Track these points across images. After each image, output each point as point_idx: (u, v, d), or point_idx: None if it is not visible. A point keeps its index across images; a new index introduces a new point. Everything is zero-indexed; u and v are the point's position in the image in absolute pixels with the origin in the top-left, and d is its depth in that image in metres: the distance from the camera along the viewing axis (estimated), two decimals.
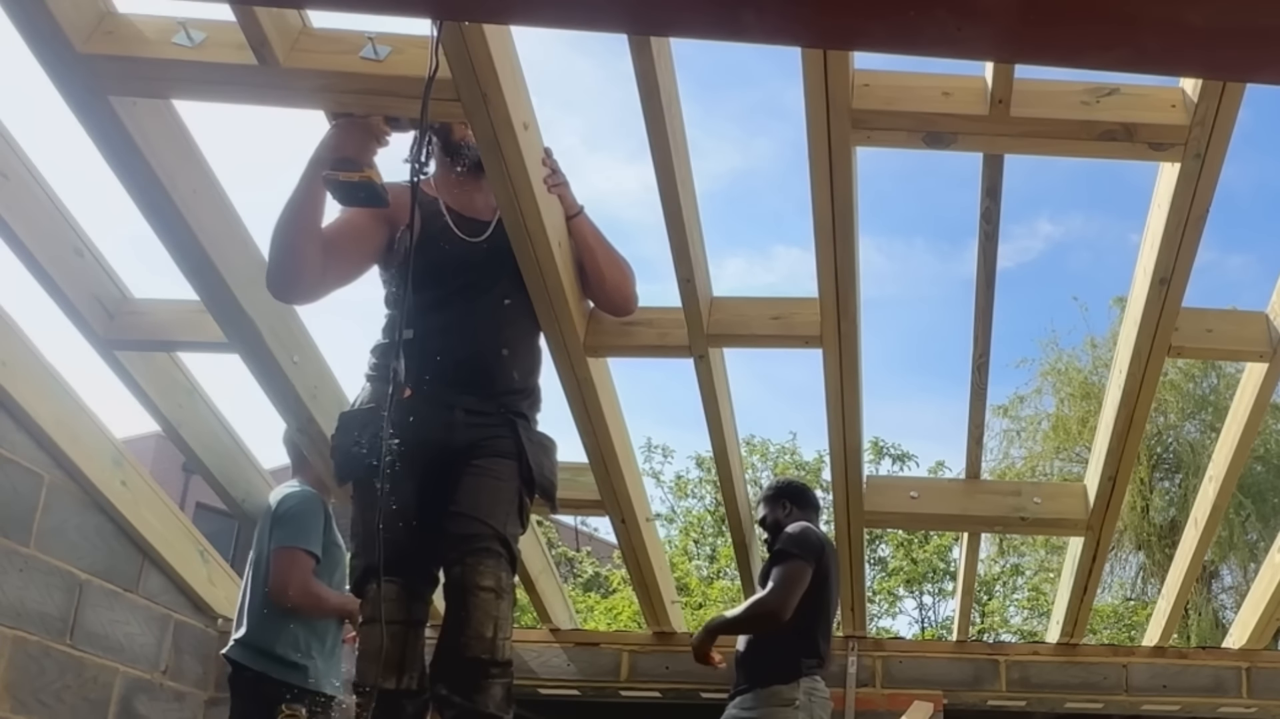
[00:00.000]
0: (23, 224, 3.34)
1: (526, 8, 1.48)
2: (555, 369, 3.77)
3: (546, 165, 3.11)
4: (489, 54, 2.73)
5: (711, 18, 1.40)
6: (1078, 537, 4.54)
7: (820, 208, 3.21)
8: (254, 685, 3.65)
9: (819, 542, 3.96)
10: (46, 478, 3.93)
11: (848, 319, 3.56)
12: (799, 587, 3.83)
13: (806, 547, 3.88)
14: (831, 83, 2.88)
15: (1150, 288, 3.41)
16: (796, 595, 3.83)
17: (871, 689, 4.87)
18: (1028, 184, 22.33)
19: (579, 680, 4.96)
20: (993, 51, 1.96)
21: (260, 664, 3.66)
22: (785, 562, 3.87)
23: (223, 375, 9.94)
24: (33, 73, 2.88)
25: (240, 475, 4.46)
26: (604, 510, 4.36)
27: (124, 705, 4.31)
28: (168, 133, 3.13)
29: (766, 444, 14.89)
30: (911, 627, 15.34)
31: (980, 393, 4.00)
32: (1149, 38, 1.36)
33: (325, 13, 2.90)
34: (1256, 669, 4.91)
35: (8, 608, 3.78)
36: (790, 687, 3.76)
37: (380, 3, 1.54)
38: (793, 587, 3.83)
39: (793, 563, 3.85)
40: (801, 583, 3.84)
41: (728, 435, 4.19)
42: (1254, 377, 3.83)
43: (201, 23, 2.91)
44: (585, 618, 12.02)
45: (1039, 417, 15.73)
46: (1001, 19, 1.33)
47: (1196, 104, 2.91)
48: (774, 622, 3.84)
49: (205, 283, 3.46)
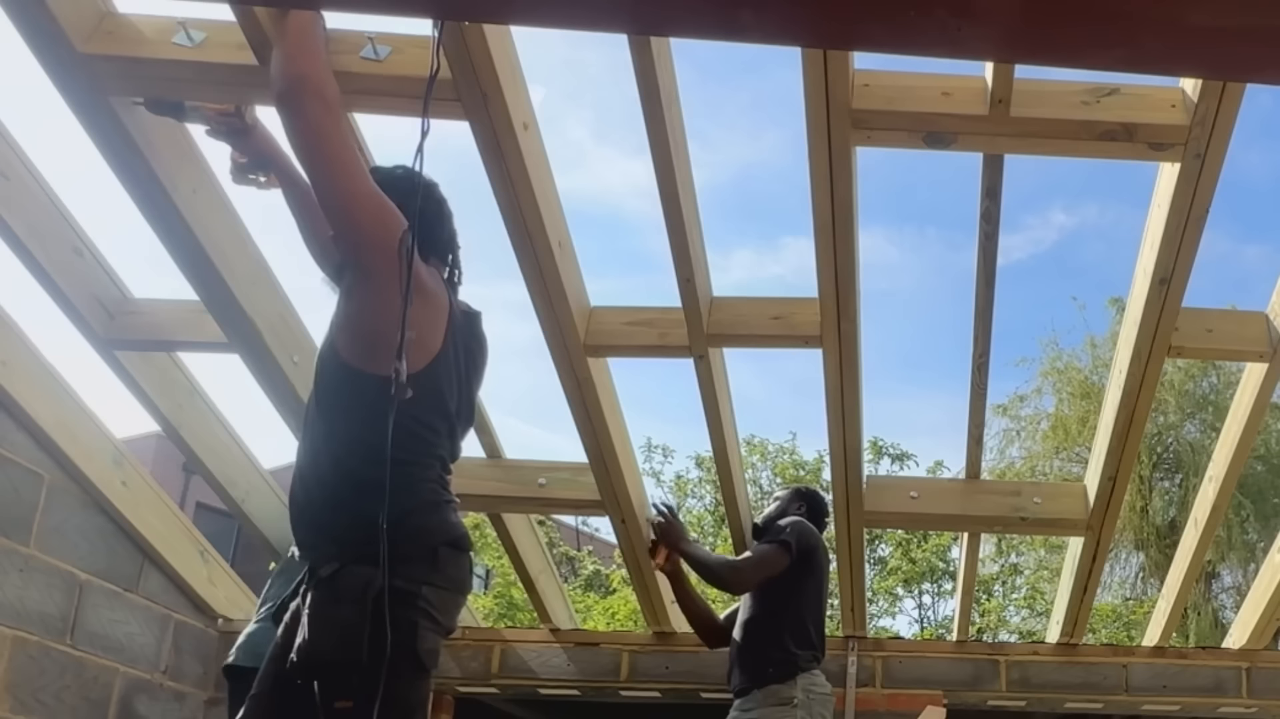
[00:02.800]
0: (23, 224, 3.34)
1: (526, 8, 1.48)
2: (555, 369, 3.77)
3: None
4: (489, 54, 2.73)
5: (711, 18, 1.40)
6: (1078, 537, 4.54)
7: (820, 207, 3.21)
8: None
9: (811, 539, 3.97)
10: (46, 478, 3.93)
11: (848, 319, 3.56)
12: (768, 571, 3.89)
13: (798, 539, 3.91)
14: (831, 83, 2.88)
15: (1150, 288, 3.41)
16: (761, 577, 3.91)
17: (871, 689, 4.87)
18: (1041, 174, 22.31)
19: (579, 680, 4.95)
20: (993, 51, 1.96)
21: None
22: (772, 544, 3.93)
23: (223, 375, 9.93)
24: (33, 73, 2.89)
25: (240, 475, 4.45)
26: (604, 510, 4.36)
27: (124, 705, 4.31)
28: (168, 133, 3.14)
29: (765, 443, 14.90)
30: (911, 626, 15.36)
31: (980, 392, 4.00)
32: (1149, 38, 1.36)
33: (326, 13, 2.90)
34: (1256, 669, 4.91)
35: (8, 608, 3.78)
36: (788, 685, 3.76)
37: (380, 3, 1.54)
38: (764, 568, 3.90)
39: (776, 549, 3.90)
40: (773, 568, 3.89)
41: (728, 435, 4.20)
42: (1254, 377, 3.83)
43: (201, 23, 2.91)
44: (584, 618, 12.02)
45: (1038, 416, 15.75)
46: (1001, 19, 1.33)
47: (1196, 104, 2.91)
48: (729, 589, 4.20)
49: (205, 283, 3.47)
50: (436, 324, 2.36)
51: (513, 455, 4.43)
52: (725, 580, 4.10)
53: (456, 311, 2.45)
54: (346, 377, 2.26)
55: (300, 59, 2.20)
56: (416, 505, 2.29)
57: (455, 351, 2.41)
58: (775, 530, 3.99)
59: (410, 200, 2.25)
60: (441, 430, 2.38)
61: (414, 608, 2.22)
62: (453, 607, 2.35)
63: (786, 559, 3.88)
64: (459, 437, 2.50)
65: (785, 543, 3.89)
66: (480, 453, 4.38)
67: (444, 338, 2.36)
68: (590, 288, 3.71)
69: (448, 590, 2.31)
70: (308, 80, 2.18)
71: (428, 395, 2.30)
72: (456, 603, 2.37)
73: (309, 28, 2.26)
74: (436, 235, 2.49)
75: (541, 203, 3.15)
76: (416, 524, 2.28)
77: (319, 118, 2.17)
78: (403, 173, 2.47)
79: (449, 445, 2.43)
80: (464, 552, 2.38)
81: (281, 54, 2.23)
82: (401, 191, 2.33)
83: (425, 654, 2.24)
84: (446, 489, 2.40)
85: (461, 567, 2.37)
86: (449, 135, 3.03)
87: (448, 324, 2.38)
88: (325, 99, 2.19)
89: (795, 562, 3.88)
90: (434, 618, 2.27)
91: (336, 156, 2.18)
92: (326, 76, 2.23)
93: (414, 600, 2.22)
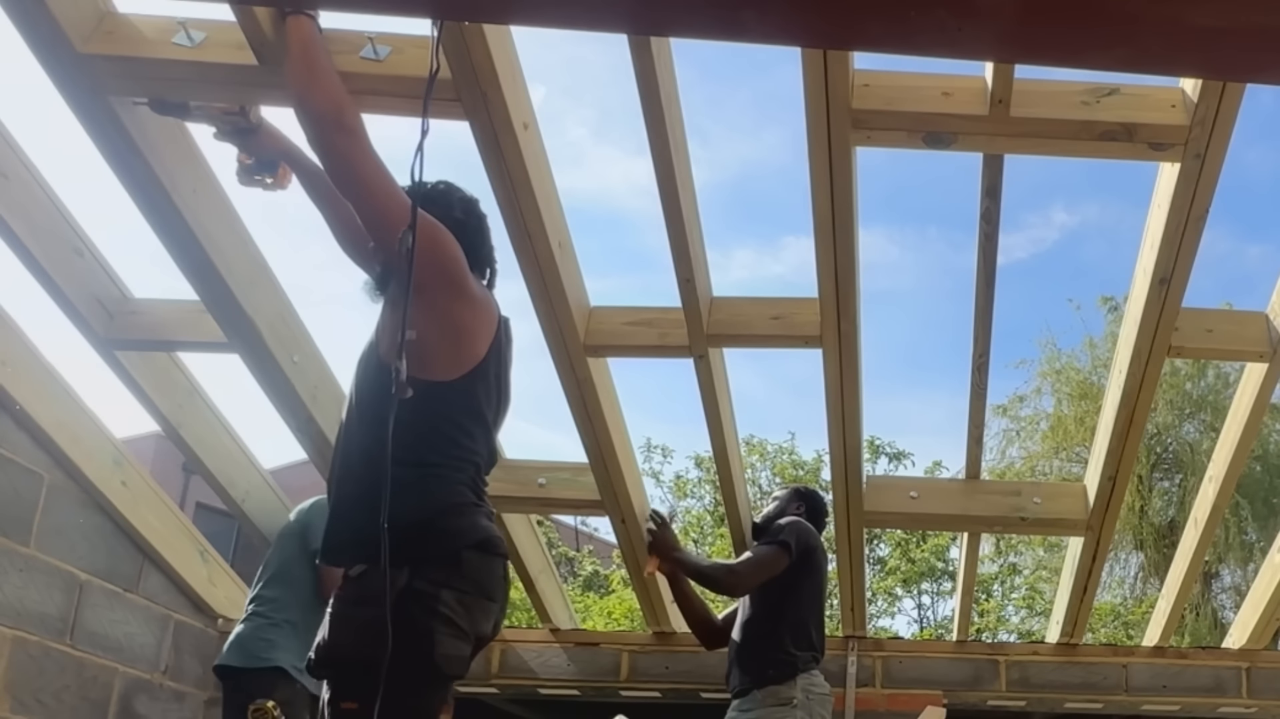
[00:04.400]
0: (23, 224, 3.34)
1: (526, 8, 1.48)
2: (555, 369, 3.77)
3: None
4: (489, 54, 2.73)
5: (712, 18, 1.40)
6: (1078, 537, 4.54)
7: (820, 208, 3.21)
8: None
9: (810, 539, 3.97)
10: (46, 478, 3.94)
11: (847, 319, 3.57)
12: (767, 572, 3.88)
13: (796, 539, 3.90)
14: (831, 83, 2.88)
15: (1150, 288, 3.41)
16: (761, 579, 3.89)
17: (871, 689, 4.87)
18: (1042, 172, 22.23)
19: (579, 680, 4.96)
20: (993, 51, 1.97)
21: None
22: (771, 545, 3.92)
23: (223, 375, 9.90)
24: (33, 73, 2.89)
25: (240, 475, 4.45)
26: (604, 510, 4.36)
27: (124, 705, 4.31)
28: (168, 133, 3.14)
29: (764, 443, 14.89)
30: (910, 626, 15.37)
31: (980, 392, 4.00)
32: (1149, 38, 1.36)
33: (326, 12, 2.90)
34: (1256, 669, 4.91)
35: (8, 608, 3.78)
36: (787, 685, 3.76)
37: (380, 3, 1.55)
38: (762, 570, 3.89)
39: (775, 550, 3.89)
40: (771, 570, 3.87)
41: (728, 435, 4.20)
42: (1254, 377, 3.83)
43: (201, 23, 2.91)
44: (583, 618, 12.03)
45: (1038, 416, 15.74)
46: (1001, 19, 1.33)
47: (1196, 104, 2.91)
48: (728, 592, 4.12)
49: (205, 283, 3.47)
50: (484, 333, 2.39)
51: (513, 455, 4.44)
52: (723, 584, 4.08)
53: (502, 321, 2.48)
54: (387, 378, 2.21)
55: (312, 91, 2.22)
56: (445, 508, 2.29)
57: (497, 359, 2.44)
58: (774, 531, 3.97)
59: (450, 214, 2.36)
60: (477, 435, 2.39)
61: (433, 612, 2.20)
62: (478, 611, 2.31)
63: (785, 560, 3.87)
64: (494, 440, 2.51)
65: (784, 543, 3.88)
66: None
67: (489, 347, 2.39)
68: (590, 287, 3.71)
69: (470, 595, 2.27)
70: (325, 117, 2.20)
71: (467, 400, 2.33)
72: (483, 608, 2.32)
73: (310, 45, 2.27)
74: (481, 251, 2.54)
75: (541, 202, 3.15)
76: (442, 527, 2.27)
77: (346, 149, 2.21)
78: (444, 187, 2.53)
79: (485, 450, 2.43)
80: (493, 556, 2.35)
81: (292, 83, 2.25)
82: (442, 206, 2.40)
83: (442, 660, 2.20)
84: (478, 493, 2.40)
85: (490, 571, 2.34)
86: (449, 135, 3.04)
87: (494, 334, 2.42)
88: (346, 127, 2.21)
89: (794, 562, 3.87)
90: (455, 623, 2.23)
91: (369, 179, 2.22)
92: (341, 102, 2.24)
93: (433, 604, 2.20)
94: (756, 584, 3.92)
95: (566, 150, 16.46)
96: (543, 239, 3.24)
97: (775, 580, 3.88)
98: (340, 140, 2.20)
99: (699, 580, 4.10)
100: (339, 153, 2.21)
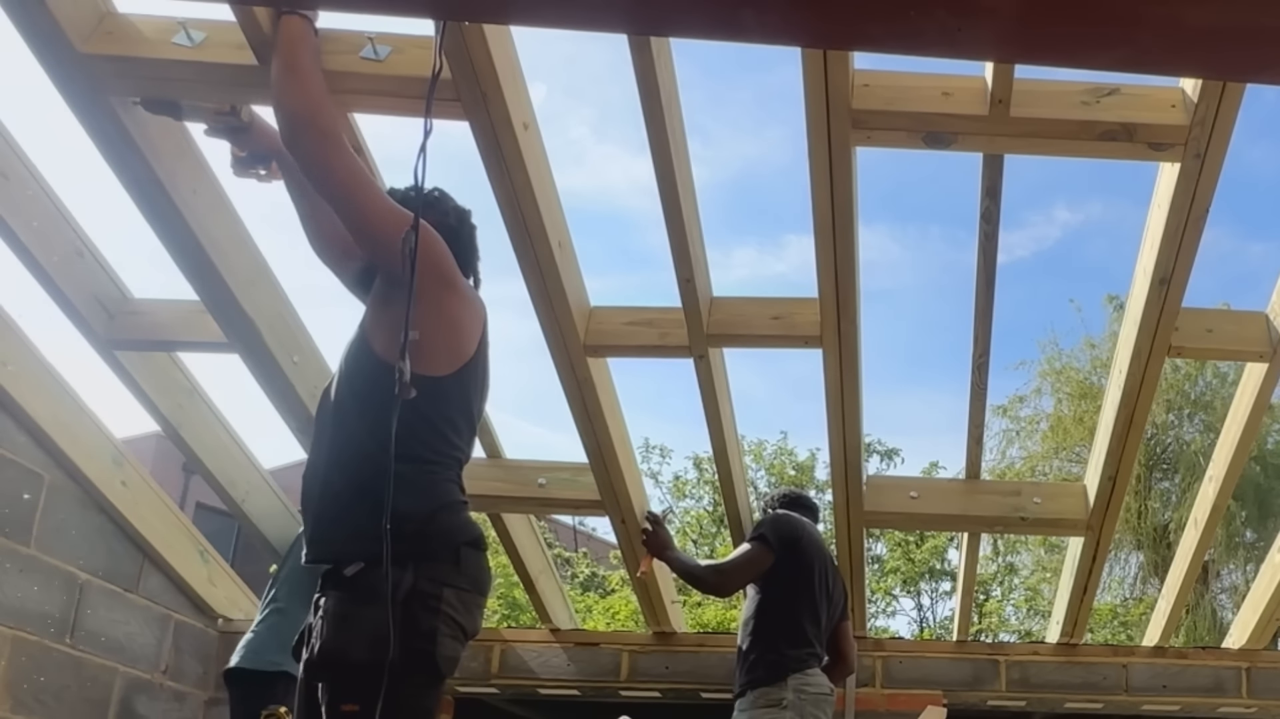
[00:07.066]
0: (23, 224, 3.34)
1: (526, 8, 1.48)
2: (555, 369, 3.77)
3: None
4: (489, 54, 2.73)
5: (711, 18, 1.40)
6: (1077, 537, 4.54)
7: (820, 208, 3.21)
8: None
9: (791, 529, 3.96)
10: (46, 478, 3.94)
11: (848, 319, 3.57)
12: (754, 569, 3.89)
13: (773, 529, 3.92)
14: (831, 83, 2.88)
15: (1150, 288, 3.41)
16: (747, 577, 3.92)
17: (871, 689, 4.87)
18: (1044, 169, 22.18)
19: (579, 680, 4.95)
20: (993, 51, 1.96)
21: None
22: (752, 542, 3.93)
23: (223, 375, 9.91)
24: (33, 73, 2.89)
25: (240, 475, 4.45)
26: (604, 510, 4.36)
27: (124, 705, 4.31)
28: (167, 132, 3.14)
29: (762, 445, 14.88)
30: (910, 626, 15.37)
31: (980, 393, 4.00)
32: (1149, 38, 1.36)
33: (326, 12, 2.90)
34: (1256, 669, 4.91)
35: (8, 608, 3.78)
36: (777, 687, 3.74)
37: (380, 3, 1.55)
38: (747, 568, 3.91)
39: (756, 546, 3.90)
40: (757, 566, 3.88)
41: (727, 435, 4.19)
42: (1254, 377, 3.83)
43: (201, 23, 2.91)
44: (583, 618, 12.02)
45: (1038, 417, 15.74)
46: (1001, 19, 1.33)
47: (1196, 104, 2.91)
48: (716, 592, 4.28)
49: (205, 283, 3.47)
50: (474, 330, 2.39)
51: (513, 455, 4.44)
52: (710, 584, 4.12)
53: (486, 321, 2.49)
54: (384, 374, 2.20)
55: (289, 90, 2.21)
56: (442, 504, 2.28)
57: (484, 357, 2.45)
58: (753, 528, 4.03)
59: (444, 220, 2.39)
60: (464, 432, 2.39)
61: (436, 612, 2.19)
62: (474, 608, 2.31)
63: (768, 553, 3.87)
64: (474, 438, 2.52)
65: (761, 537, 3.90)
66: (480, 452, 4.38)
67: (478, 344, 2.40)
68: (590, 286, 3.71)
69: (469, 592, 2.28)
70: (297, 116, 2.19)
71: (457, 397, 2.33)
72: (478, 604, 2.33)
73: (296, 45, 2.25)
74: (469, 260, 2.55)
75: (541, 202, 3.15)
76: (443, 524, 2.27)
77: (320, 152, 2.19)
78: (439, 194, 2.54)
79: (467, 448, 2.44)
80: (483, 552, 2.36)
81: (274, 79, 2.24)
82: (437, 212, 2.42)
83: (443, 661, 2.20)
84: (463, 490, 2.40)
85: (481, 567, 2.35)
86: (449, 135, 3.04)
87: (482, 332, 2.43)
88: (320, 129, 2.19)
89: (780, 554, 3.87)
90: (456, 622, 2.23)
91: (346, 182, 2.20)
92: (317, 103, 2.22)
93: (436, 604, 2.19)
94: (744, 583, 3.96)
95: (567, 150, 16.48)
96: (543, 239, 3.24)
97: (767, 576, 3.89)
98: (312, 141, 2.18)
99: (688, 580, 4.14)
100: (308, 153, 2.19)
